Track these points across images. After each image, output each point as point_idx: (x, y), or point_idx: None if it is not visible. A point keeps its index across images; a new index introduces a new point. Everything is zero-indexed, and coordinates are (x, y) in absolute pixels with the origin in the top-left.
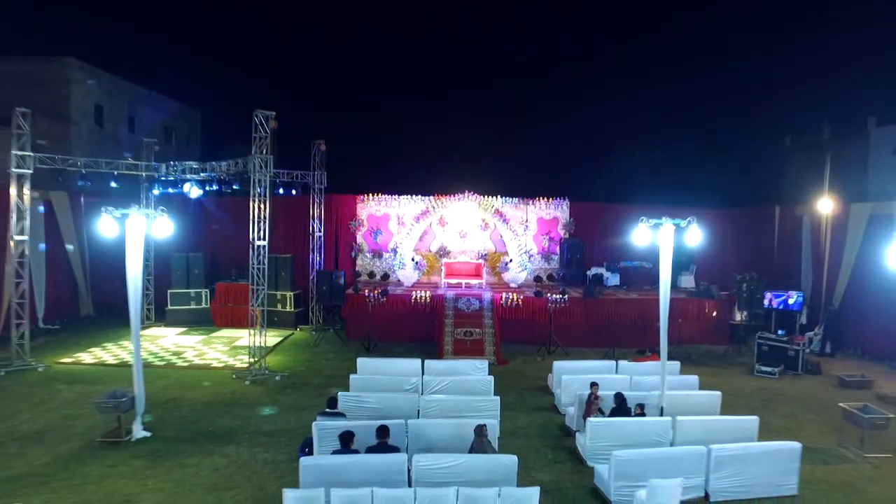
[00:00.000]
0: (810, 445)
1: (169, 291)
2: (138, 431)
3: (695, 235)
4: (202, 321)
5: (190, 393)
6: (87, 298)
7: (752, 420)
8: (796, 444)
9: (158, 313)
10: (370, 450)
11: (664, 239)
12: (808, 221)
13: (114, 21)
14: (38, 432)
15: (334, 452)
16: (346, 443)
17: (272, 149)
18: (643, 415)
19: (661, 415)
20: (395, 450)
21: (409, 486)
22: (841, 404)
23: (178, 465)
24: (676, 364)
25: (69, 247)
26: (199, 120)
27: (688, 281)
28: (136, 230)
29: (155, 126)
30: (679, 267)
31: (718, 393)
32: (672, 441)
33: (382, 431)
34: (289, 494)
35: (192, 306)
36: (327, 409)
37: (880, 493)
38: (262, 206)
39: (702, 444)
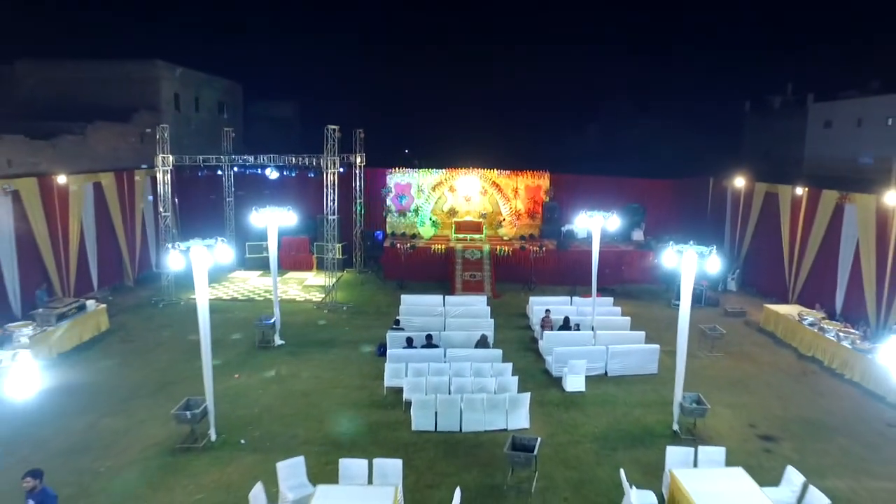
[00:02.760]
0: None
1: (247, 244)
2: (278, 340)
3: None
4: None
5: (291, 318)
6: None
7: (640, 334)
8: (656, 346)
9: (239, 260)
10: (423, 347)
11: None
12: (730, 192)
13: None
14: (216, 341)
15: (403, 348)
16: (410, 344)
17: (335, 149)
18: (578, 329)
19: (593, 330)
20: (436, 346)
21: (445, 362)
22: (700, 325)
23: (308, 358)
24: (610, 299)
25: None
26: (240, 92)
27: (638, 235)
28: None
29: (212, 102)
30: (632, 224)
31: (628, 318)
32: (594, 344)
33: (429, 337)
34: (388, 366)
35: (264, 255)
36: (393, 325)
37: (706, 373)
38: (332, 191)
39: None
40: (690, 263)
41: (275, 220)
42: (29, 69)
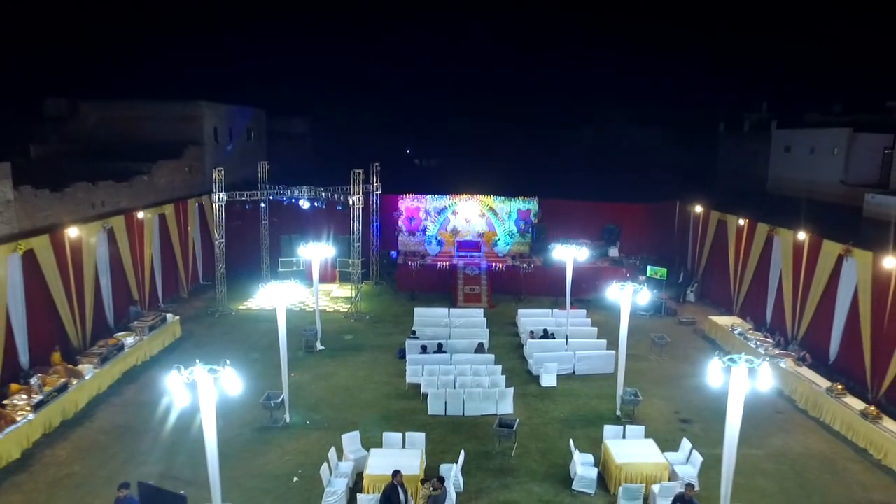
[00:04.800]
0: (634, 353)
1: (280, 259)
2: (319, 346)
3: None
4: (300, 278)
5: (325, 326)
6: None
7: (602, 342)
8: (612, 352)
9: (273, 272)
10: (435, 352)
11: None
12: (692, 217)
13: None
14: (266, 347)
15: (420, 353)
16: (424, 350)
17: (359, 187)
18: (553, 337)
19: (566, 338)
20: (444, 352)
21: (451, 364)
22: (651, 334)
23: (343, 359)
24: (583, 311)
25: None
26: (264, 117)
27: (614, 252)
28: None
29: (242, 130)
30: (609, 241)
31: (595, 328)
32: (566, 349)
33: (440, 346)
34: (409, 367)
35: (295, 269)
36: (411, 335)
37: (651, 373)
38: (357, 223)
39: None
40: (627, 297)
41: (317, 253)
42: (91, 109)
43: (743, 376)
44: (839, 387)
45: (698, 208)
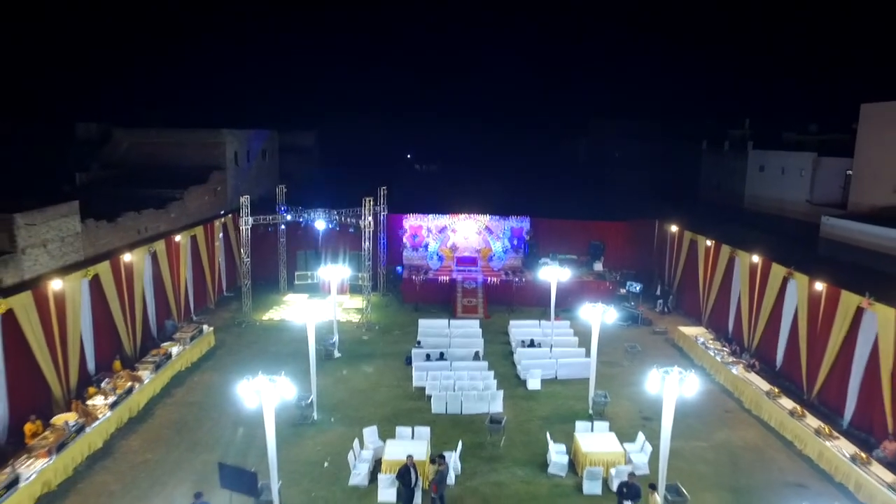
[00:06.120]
0: (609, 360)
1: (296, 273)
2: (336, 353)
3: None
4: (314, 290)
5: (341, 335)
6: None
7: (582, 350)
8: (589, 359)
9: (290, 285)
10: (437, 360)
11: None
12: (668, 235)
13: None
14: (289, 354)
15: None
16: (428, 357)
17: (370, 210)
18: (539, 346)
19: (550, 347)
20: (445, 360)
21: (451, 370)
22: (625, 343)
23: (358, 366)
24: (567, 322)
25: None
26: (277, 138)
27: (598, 266)
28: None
29: (258, 151)
30: (594, 256)
31: (576, 338)
32: (550, 357)
33: (441, 354)
34: (415, 373)
35: (309, 281)
36: (417, 345)
37: (622, 377)
38: (367, 242)
39: (558, 358)
40: (597, 315)
41: (335, 274)
42: (124, 135)
43: (675, 383)
44: (776, 390)
45: (674, 228)
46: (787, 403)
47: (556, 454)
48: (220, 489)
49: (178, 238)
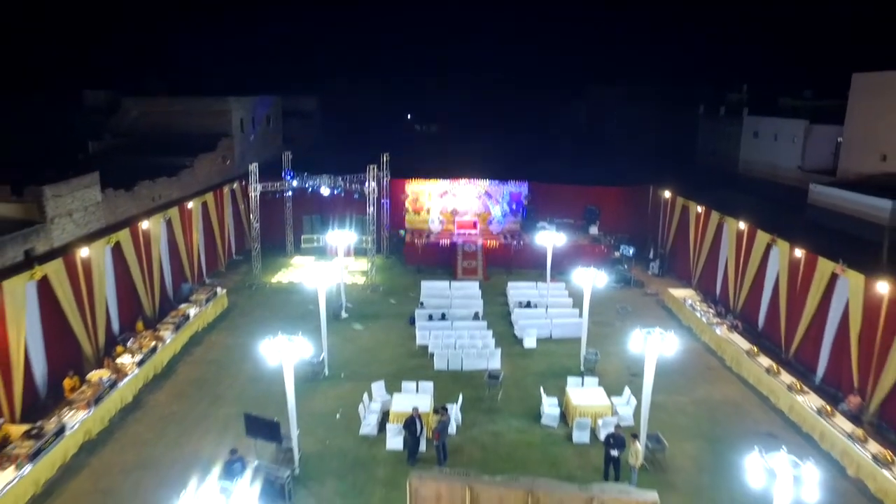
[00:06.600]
0: (601, 320)
1: (302, 236)
2: (344, 313)
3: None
4: (320, 253)
5: (347, 297)
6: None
7: (575, 311)
8: (581, 319)
9: (297, 248)
10: (439, 320)
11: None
12: (662, 200)
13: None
14: (301, 315)
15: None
16: (431, 318)
17: (374, 175)
18: (535, 307)
19: (546, 308)
20: (447, 320)
21: (452, 329)
22: (616, 305)
23: (366, 325)
24: (563, 283)
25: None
26: (280, 103)
27: (594, 230)
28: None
29: (262, 117)
30: (590, 220)
31: (571, 299)
32: (546, 317)
33: (443, 315)
34: (418, 332)
35: (315, 245)
36: (420, 306)
37: (614, 336)
38: (372, 207)
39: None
40: (588, 279)
41: (342, 239)
42: (133, 104)
43: (657, 342)
44: (755, 349)
45: (667, 193)
46: (765, 361)
47: (549, 407)
48: (245, 437)
49: (190, 205)
